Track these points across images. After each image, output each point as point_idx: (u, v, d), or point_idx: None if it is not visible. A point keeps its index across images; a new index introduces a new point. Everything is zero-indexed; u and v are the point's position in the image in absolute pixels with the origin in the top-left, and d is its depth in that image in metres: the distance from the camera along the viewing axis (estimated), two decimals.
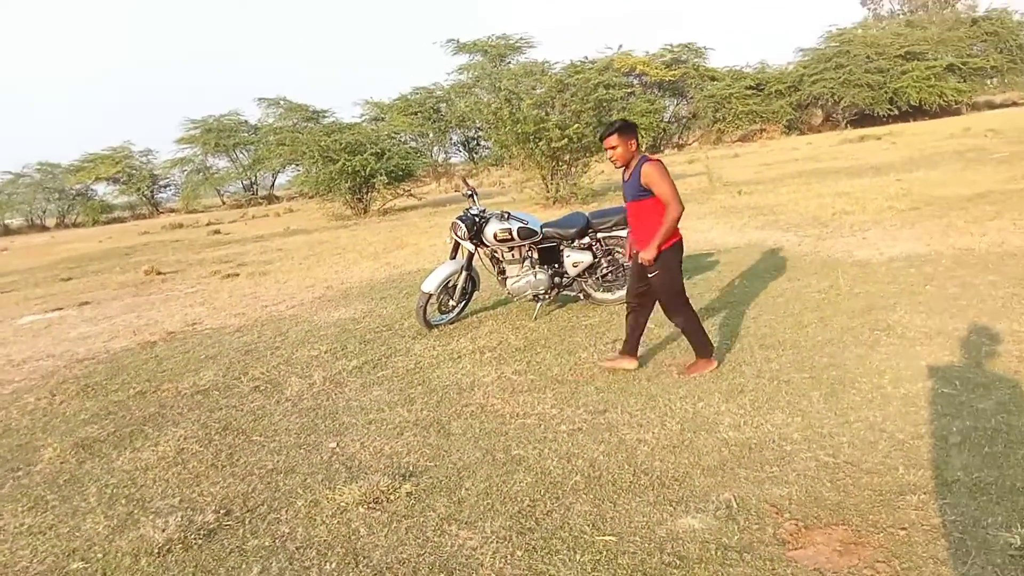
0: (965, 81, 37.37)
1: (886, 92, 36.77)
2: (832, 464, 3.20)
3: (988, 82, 41.20)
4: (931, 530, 2.63)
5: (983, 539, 2.54)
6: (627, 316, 4.76)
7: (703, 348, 4.55)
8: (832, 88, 37.63)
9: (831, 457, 3.27)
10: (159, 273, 12.25)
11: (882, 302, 5.55)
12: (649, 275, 4.43)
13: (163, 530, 3.22)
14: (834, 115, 39.87)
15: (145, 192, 42.09)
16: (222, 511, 3.40)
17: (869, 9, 62.71)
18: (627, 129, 4.45)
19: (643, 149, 4.59)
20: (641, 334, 4.77)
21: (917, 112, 36.75)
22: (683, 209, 4.35)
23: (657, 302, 4.63)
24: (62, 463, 4.19)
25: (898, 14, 59.11)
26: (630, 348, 4.76)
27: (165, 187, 43.68)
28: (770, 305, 5.87)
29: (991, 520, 2.63)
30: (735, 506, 2.95)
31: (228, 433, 4.41)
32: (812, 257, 7.45)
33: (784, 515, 2.85)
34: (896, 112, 36.73)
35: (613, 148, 4.44)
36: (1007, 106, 38.95)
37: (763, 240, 8.73)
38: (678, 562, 2.63)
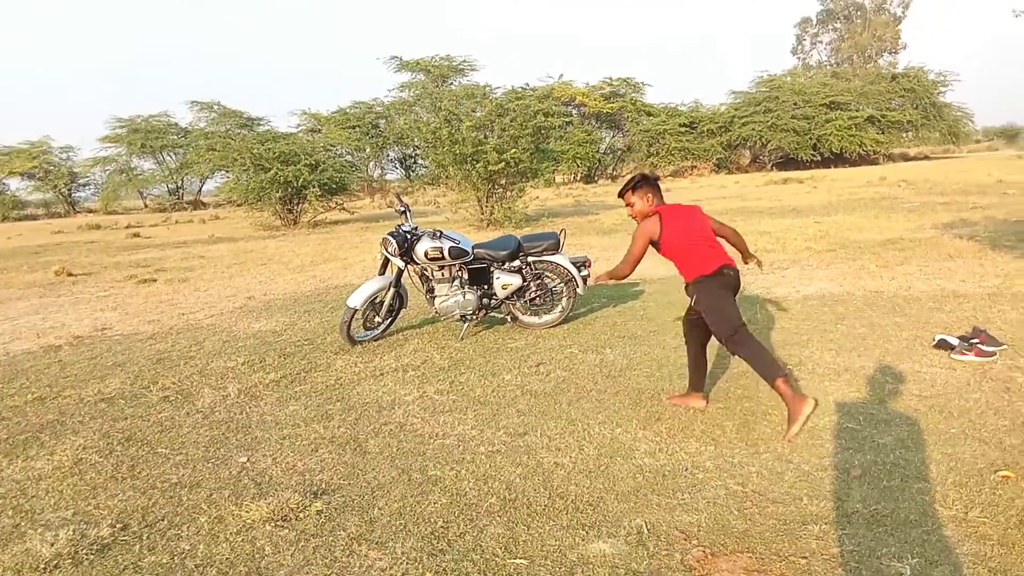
0: (883, 133, 39.60)
1: (810, 138, 38.56)
2: (741, 493, 3.28)
3: (904, 135, 43.68)
4: (830, 559, 2.71)
5: (877, 569, 2.63)
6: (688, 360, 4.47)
7: (772, 369, 3.97)
8: (760, 131, 39.22)
9: (740, 486, 3.34)
10: (70, 274, 11.71)
11: (796, 338, 5.76)
12: (693, 303, 4.23)
13: (52, 544, 3.03)
14: (761, 157, 41.50)
15: (62, 190, 40.38)
16: (119, 525, 3.23)
17: (799, 58, 65.80)
18: (643, 184, 4.36)
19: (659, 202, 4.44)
20: (704, 371, 4.47)
21: (838, 159, 38.68)
22: (628, 274, 4.43)
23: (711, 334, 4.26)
24: None
25: (825, 64, 62.16)
26: (696, 385, 4.45)
27: (84, 186, 42.08)
28: None
29: (885, 551, 2.73)
30: (646, 532, 2.97)
31: (131, 444, 4.21)
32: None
33: (692, 542, 2.89)
34: (819, 158, 38.54)
35: (631, 205, 4.42)
36: (920, 159, 41.44)
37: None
38: None
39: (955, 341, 5.16)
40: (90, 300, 9.21)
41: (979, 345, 5.04)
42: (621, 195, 4.49)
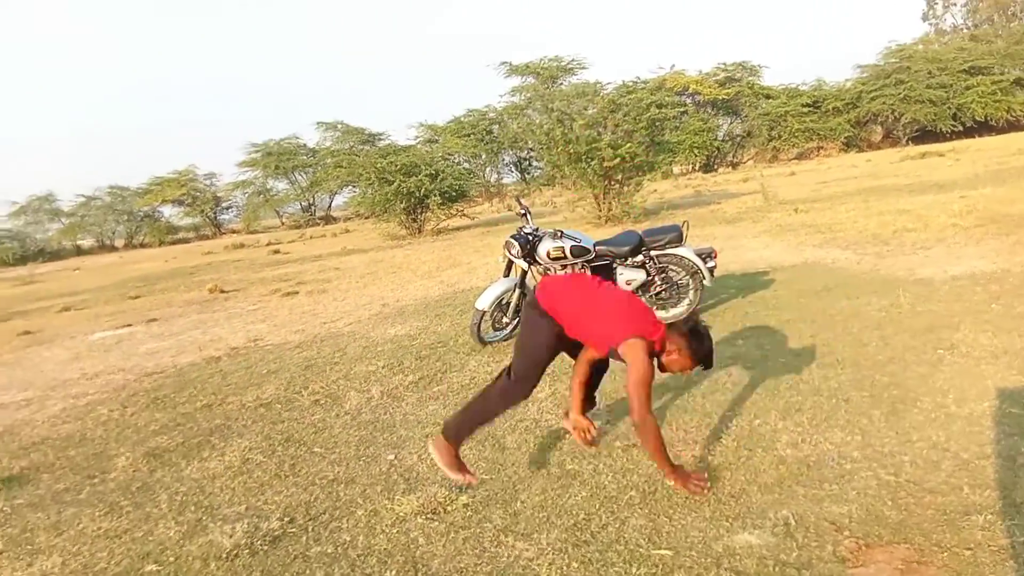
0: None
1: (949, 108, 35.82)
2: (893, 483, 3.15)
3: None
4: (999, 551, 2.57)
5: None
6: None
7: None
8: (892, 104, 36.82)
9: (892, 476, 3.21)
10: (222, 291, 12.66)
11: (945, 321, 5.42)
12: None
13: (231, 536, 3.34)
14: (894, 132, 38.98)
15: (208, 214, 43.65)
16: (286, 519, 3.51)
17: (931, 24, 61.24)
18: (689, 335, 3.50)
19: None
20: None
21: (982, 128, 35.67)
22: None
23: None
24: (135, 471, 4.38)
25: (961, 28, 57.59)
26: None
27: (227, 209, 45.24)
28: (828, 323, 5.78)
29: None
30: (793, 523, 2.92)
31: (290, 444, 4.55)
32: (872, 275, 7.30)
33: (844, 533, 2.81)
34: (960, 128, 35.73)
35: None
36: None
37: (821, 258, 8.60)
38: None
39: None
40: (241, 314, 9.94)
41: None
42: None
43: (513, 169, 44.27)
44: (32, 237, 41.98)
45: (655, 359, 3.45)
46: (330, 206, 44.40)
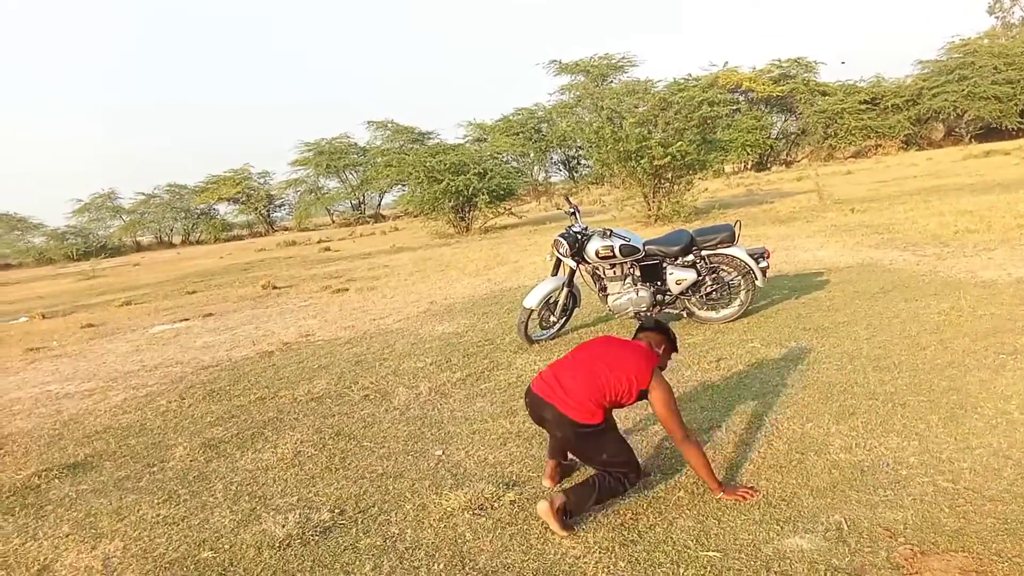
0: None
1: (1016, 104, 34.45)
2: (951, 490, 3.06)
3: None
4: None
5: None
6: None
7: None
8: (954, 101, 35.60)
9: (950, 483, 3.12)
10: (275, 287, 12.95)
11: (1009, 324, 5.24)
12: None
13: (283, 526, 3.43)
14: (957, 129, 37.71)
15: (262, 211, 44.67)
16: (336, 511, 3.58)
17: (997, 18, 58.97)
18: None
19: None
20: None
21: None
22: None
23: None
24: (191, 461, 4.51)
25: None
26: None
27: (280, 206, 46.25)
28: (885, 326, 5.64)
29: None
30: (846, 528, 2.86)
31: (340, 438, 4.63)
32: (931, 277, 7.09)
33: (898, 539, 2.75)
34: None
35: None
36: None
37: (878, 259, 8.39)
38: None
39: None
40: (293, 310, 10.16)
41: None
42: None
43: (561, 168, 44.22)
44: (95, 233, 43.65)
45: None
46: (380, 204, 44.99)
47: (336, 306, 10.05)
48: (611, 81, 42.90)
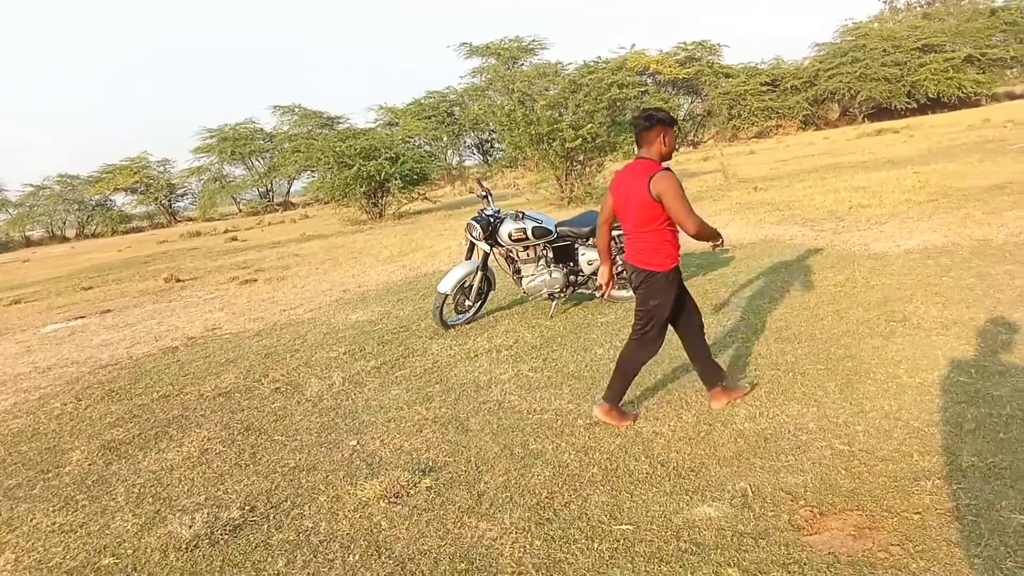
0: (984, 72, 36.93)
1: (903, 85, 36.46)
2: (847, 452, 3.22)
3: (1008, 73, 40.69)
4: (945, 514, 2.65)
5: (997, 522, 2.55)
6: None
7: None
8: (848, 82, 37.37)
9: (846, 446, 3.29)
10: (178, 280, 12.42)
11: (898, 294, 5.54)
12: (644, 295, 3.79)
13: (190, 526, 3.29)
14: (851, 109, 39.60)
15: (163, 201, 42.67)
16: (247, 507, 3.47)
17: (885, 2, 61.99)
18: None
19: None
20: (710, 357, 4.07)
21: (936, 105, 36.39)
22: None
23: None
24: (90, 465, 4.28)
25: (915, 6, 58.48)
26: (713, 379, 4.01)
27: (183, 196, 44.32)
28: (786, 299, 5.88)
29: (1005, 503, 2.65)
30: (751, 494, 2.97)
31: (250, 433, 4.49)
32: (828, 251, 7.43)
33: (799, 502, 2.87)
34: (914, 105, 36.38)
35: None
36: None
37: (779, 235, 8.73)
38: (695, 548, 2.67)
39: None
40: (198, 303, 9.77)
41: None
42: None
43: (475, 151, 44.11)
44: None
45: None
46: (288, 192, 43.79)
47: (244, 297, 9.73)
48: (522, 64, 42.93)
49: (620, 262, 6.45)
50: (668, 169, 3.59)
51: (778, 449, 3.35)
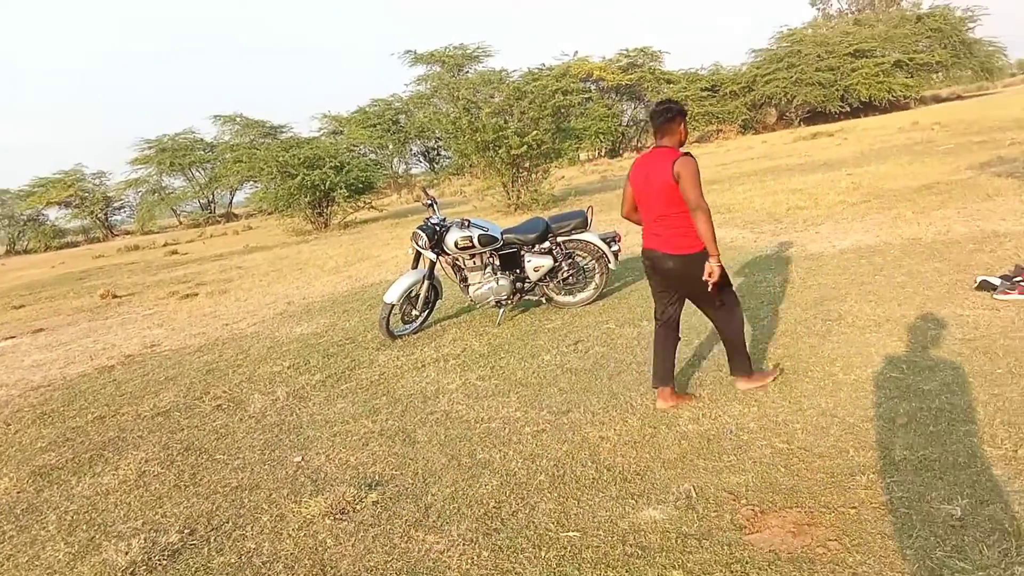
0: (912, 76, 38.45)
1: (837, 89, 37.66)
2: (787, 450, 3.30)
3: (934, 77, 42.42)
4: (879, 507, 2.72)
5: (927, 513, 2.64)
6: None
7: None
8: (785, 87, 38.42)
9: (785, 444, 3.36)
10: (115, 296, 12.04)
11: (833, 293, 5.70)
12: (691, 280, 3.88)
13: (126, 553, 3.18)
14: (788, 113, 40.67)
15: (99, 215, 41.40)
16: (186, 531, 3.37)
17: (818, 9, 64.03)
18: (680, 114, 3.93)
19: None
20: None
21: (867, 108, 37.71)
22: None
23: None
24: (19, 492, 4.11)
25: (846, 13, 60.50)
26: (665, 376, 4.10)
27: (119, 209, 43.07)
28: None
29: (934, 495, 2.74)
30: (695, 496, 3.01)
31: (191, 453, 4.37)
32: (767, 253, 7.61)
33: (741, 501, 2.92)
34: (847, 109, 37.63)
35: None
36: (952, 99, 40.26)
37: (721, 238, 8.77)
38: (640, 552, 2.69)
39: (997, 281, 5.08)
40: (136, 319, 9.48)
41: (1022, 283, 4.95)
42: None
43: (422, 159, 43.93)
44: None
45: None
46: (231, 203, 42.94)
47: (185, 313, 9.48)
48: (467, 71, 42.98)
49: (565, 267, 6.50)
50: (689, 154, 3.80)
51: (720, 449, 3.41)
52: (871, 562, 2.44)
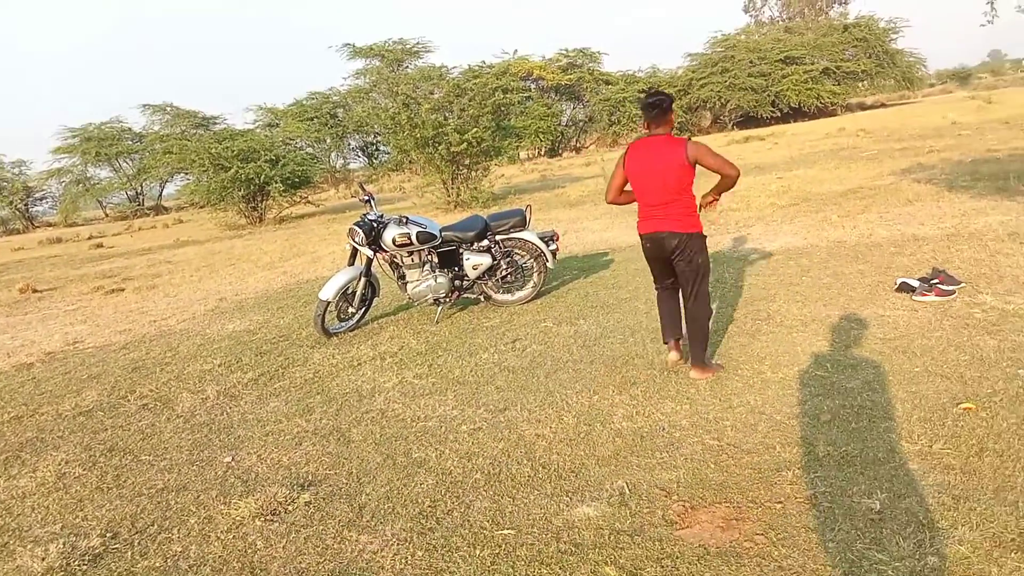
0: (839, 84, 39.82)
1: (768, 95, 38.72)
2: (717, 447, 3.38)
3: (860, 85, 44.00)
4: (804, 502, 2.82)
5: (848, 507, 2.74)
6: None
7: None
8: (719, 91, 39.31)
9: (716, 440, 3.44)
10: (35, 291, 11.51)
11: (763, 293, 5.87)
12: (692, 255, 4.20)
13: (43, 559, 3.05)
14: (722, 117, 41.65)
15: (18, 205, 39.40)
16: (109, 535, 3.25)
17: (751, 16, 65.78)
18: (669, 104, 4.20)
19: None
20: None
21: (797, 113, 38.90)
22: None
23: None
24: None
25: (777, 20, 62.31)
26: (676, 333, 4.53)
27: (41, 200, 41.14)
28: None
29: (856, 489, 2.85)
30: (627, 492, 3.06)
31: (114, 454, 4.22)
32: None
33: (672, 497, 2.98)
34: (778, 114, 38.73)
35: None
36: (876, 107, 41.86)
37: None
38: (574, 549, 2.72)
39: (916, 283, 5.31)
40: (58, 315, 9.09)
41: (939, 285, 5.19)
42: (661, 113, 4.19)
43: (360, 154, 43.32)
44: None
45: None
46: (160, 195, 41.52)
47: (110, 308, 9.14)
48: (406, 67, 42.57)
49: (504, 266, 6.51)
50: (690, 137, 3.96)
51: (653, 446, 3.47)
52: (795, 555, 2.53)
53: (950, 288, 5.16)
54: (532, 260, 6.63)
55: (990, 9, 7.66)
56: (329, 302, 6.16)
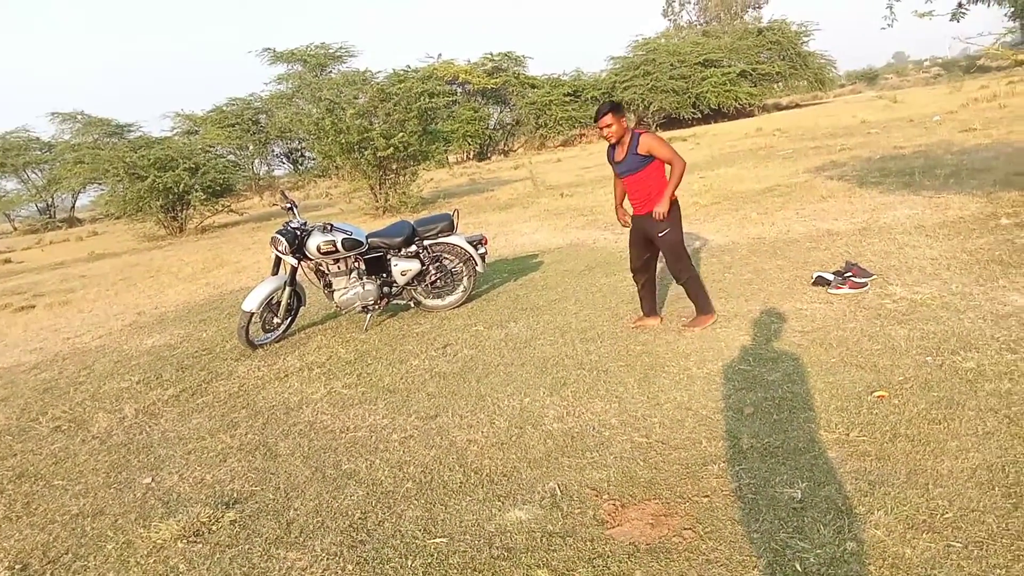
0: (756, 85, 41.16)
1: (689, 97, 39.70)
2: (645, 444, 3.43)
3: (775, 86, 45.57)
4: (729, 494, 2.89)
5: (772, 497, 2.83)
6: (640, 288, 5.28)
7: (707, 304, 5.09)
8: (642, 94, 40.07)
9: (644, 438, 3.50)
10: None
11: None
12: (660, 234, 4.84)
13: None
14: (645, 119, 42.45)
15: None
16: (17, 567, 3.08)
17: (670, 20, 67.35)
18: (619, 108, 4.78)
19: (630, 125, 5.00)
20: (655, 293, 5.34)
21: (717, 115, 40.01)
22: (686, 163, 4.82)
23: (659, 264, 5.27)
24: None
25: (695, 24, 63.99)
26: (650, 309, 5.30)
27: None
28: (590, 300, 6.17)
29: (778, 479, 2.94)
30: (559, 494, 3.08)
31: (24, 480, 4.00)
32: (627, 253, 7.88)
33: (603, 497, 3.01)
34: (699, 115, 39.75)
35: (609, 126, 4.75)
36: (792, 108, 43.40)
37: (584, 239, 9.16)
38: (506, 554, 2.72)
39: (831, 276, 5.52)
40: None
41: (852, 278, 5.41)
42: (598, 119, 4.80)
43: (285, 160, 42.41)
44: None
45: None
46: (73, 207, 39.69)
47: (19, 327, 8.68)
48: (330, 71, 41.91)
49: (433, 271, 6.47)
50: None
51: (584, 446, 3.50)
52: (723, 548, 2.59)
53: (862, 280, 5.38)
54: (461, 264, 6.60)
55: (889, 13, 8.03)
56: (253, 313, 6.00)
